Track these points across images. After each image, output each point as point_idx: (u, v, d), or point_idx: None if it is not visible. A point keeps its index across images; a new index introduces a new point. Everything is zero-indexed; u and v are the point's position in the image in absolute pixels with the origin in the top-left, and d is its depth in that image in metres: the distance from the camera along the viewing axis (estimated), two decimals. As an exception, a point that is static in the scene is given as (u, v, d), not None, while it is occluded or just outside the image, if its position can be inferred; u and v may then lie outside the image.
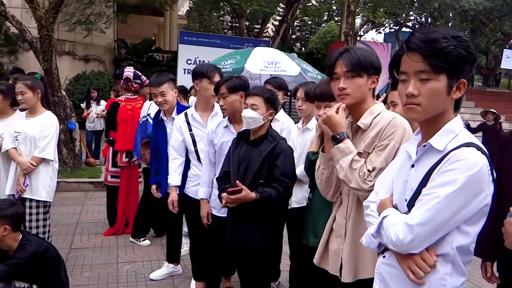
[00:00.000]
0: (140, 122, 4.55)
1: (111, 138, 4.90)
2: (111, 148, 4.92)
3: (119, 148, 4.78)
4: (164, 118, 3.65)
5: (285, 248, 3.45)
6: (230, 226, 2.75)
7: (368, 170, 1.76)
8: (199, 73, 3.22)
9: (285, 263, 3.60)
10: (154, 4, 15.55)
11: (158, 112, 3.69)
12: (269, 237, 2.65)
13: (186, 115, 3.34)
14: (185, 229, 3.99)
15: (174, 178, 3.35)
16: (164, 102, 3.53)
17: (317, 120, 2.56)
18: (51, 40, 7.18)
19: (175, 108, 3.62)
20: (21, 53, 12.29)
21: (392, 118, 1.83)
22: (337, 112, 1.82)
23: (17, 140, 3.48)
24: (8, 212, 2.75)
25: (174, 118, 3.54)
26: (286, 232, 3.24)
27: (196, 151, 3.29)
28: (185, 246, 4.18)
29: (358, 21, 14.41)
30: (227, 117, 3.02)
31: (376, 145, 1.83)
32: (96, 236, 4.80)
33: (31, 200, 3.40)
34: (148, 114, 4.37)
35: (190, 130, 3.29)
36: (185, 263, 4.02)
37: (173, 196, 3.36)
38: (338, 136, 1.81)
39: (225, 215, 2.87)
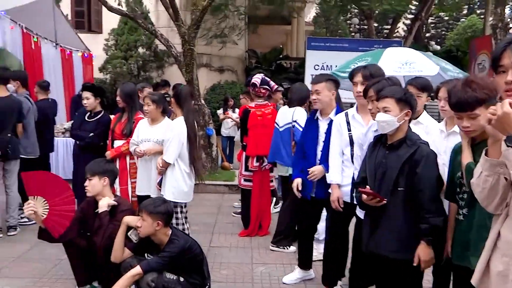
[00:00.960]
0: (282, 129, 4.54)
1: (244, 144, 5.15)
2: (244, 153, 5.16)
3: (249, 153, 4.99)
4: (320, 118, 3.60)
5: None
6: (367, 233, 2.61)
7: None
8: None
9: (426, 279, 3.32)
10: (283, 12, 15.99)
11: (315, 111, 3.67)
12: (413, 250, 2.45)
13: (346, 115, 3.30)
14: (316, 235, 3.96)
15: (335, 176, 3.29)
16: (316, 100, 3.52)
17: (460, 129, 2.27)
18: (193, 53, 7.88)
19: (334, 109, 3.55)
20: (166, 67, 13.80)
21: None
22: None
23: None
24: (160, 209, 3.03)
25: (330, 119, 3.51)
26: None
27: (351, 152, 3.21)
28: (315, 251, 4.15)
29: (507, 11, 12.74)
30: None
31: None
32: (232, 236, 5.06)
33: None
34: (295, 121, 4.36)
35: (349, 130, 3.23)
36: (317, 268, 4.00)
37: (337, 193, 3.26)
38: None
39: None
